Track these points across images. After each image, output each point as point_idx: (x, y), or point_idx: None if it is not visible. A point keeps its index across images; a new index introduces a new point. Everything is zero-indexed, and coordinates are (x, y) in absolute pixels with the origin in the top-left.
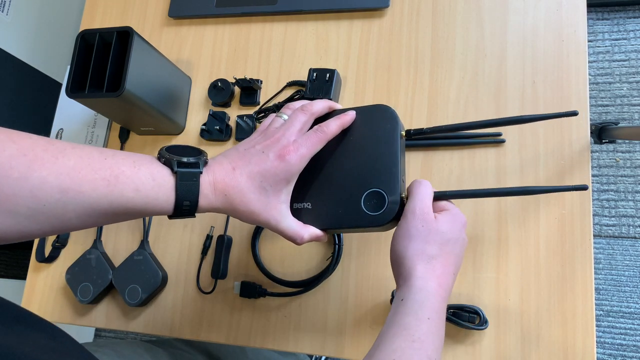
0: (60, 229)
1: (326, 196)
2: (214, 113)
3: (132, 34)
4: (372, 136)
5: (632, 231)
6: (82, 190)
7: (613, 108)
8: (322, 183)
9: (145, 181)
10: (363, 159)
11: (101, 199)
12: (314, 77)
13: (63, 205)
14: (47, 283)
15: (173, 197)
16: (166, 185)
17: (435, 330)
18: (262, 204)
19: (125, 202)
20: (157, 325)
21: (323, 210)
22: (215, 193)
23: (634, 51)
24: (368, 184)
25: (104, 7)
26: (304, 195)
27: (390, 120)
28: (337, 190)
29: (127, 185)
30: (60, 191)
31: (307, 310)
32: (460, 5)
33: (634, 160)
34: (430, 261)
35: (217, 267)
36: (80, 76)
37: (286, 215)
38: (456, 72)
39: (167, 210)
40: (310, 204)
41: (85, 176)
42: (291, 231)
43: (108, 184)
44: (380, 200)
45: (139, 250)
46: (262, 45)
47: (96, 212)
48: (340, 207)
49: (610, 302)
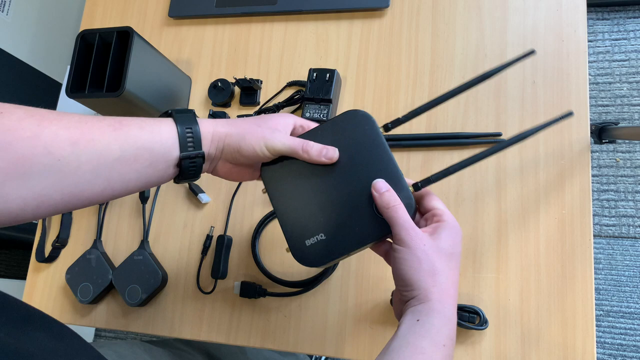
0: (78, 192)
1: (337, 221)
2: (214, 113)
3: (132, 34)
4: (358, 144)
5: (632, 231)
6: (92, 138)
7: (613, 108)
8: (329, 210)
9: (147, 121)
10: (359, 169)
11: (111, 144)
12: (314, 77)
13: (76, 156)
14: (47, 283)
15: (175, 128)
16: (167, 121)
17: (448, 358)
18: (255, 126)
19: (134, 141)
20: (157, 325)
21: (339, 235)
22: (214, 123)
23: (634, 51)
24: (368, 191)
25: (104, 7)
26: (314, 228)
27: (366, 122)
28: (346, 211)
29: (131, 125)
30: (72, 143)
31: (307, 310)
32: (460, 5)
33: (634, 160)
34: (441, 281)
35: (217, 267)
36: (80, 76)
37: (282, 134)
38: (456, 72)
39: (173, 143)
40: (324, 234)
41: (93, 125)
42: (290, 142)
43: (114, 129)
44: None
45: (139, 250)
46: (262, 45)
47: (108, 161)
48: (356, 225)
49: (610, 302)
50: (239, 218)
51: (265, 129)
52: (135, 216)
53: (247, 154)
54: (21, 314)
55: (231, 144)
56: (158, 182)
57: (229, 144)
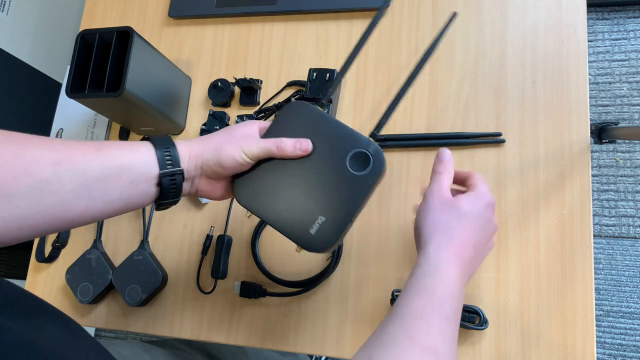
0: (60, 212)
1: (328, 199)
2: (214, 113)
3: (132, 34)
4: (312, 128)
5: (632, 231)
6: (73, 159)
7: (613, 108)
8: (316, 194)
9: (126, 143)
10: (325, 147)
11: (92, 163)
12: (314, 77)
13: (58, 177)
14: (47, 283)
15: (153, 149)
16: (144, 143)
17: (452, 291)
18: (229, 136)
19: (114, 161)
20: (157, 325)
21: (336, 209)
22: (189, 143)
23: (634, 51)
24: (342, 159)
25: (104, 7)
26: (311, 216)
27: (306, 108)
28: (331, 187)
29: (111, 147)
30: (53, 163)
31: (307, 310)
32: (460, 5)
33: (634, 160)
34: (446, 232)
35: (217, 267)
36: (80, 76)
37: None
38: (456, 72)
39: (152, 162)
40: (322, 216)
41: (74, 147)
42: (264, 143)
43: (95, 150)
44: (361, 157)
45: (139, 250)
46: (262, 45)
47: (90, 181)
48: (344, 193)
49: (610, 302)
50: (239, 218)
51: (239, 137)
52: (135, 216)
53: (228, 164)
54: (32, 305)
55: (210, 159)
56: (140, 203)
57: (208, 159)
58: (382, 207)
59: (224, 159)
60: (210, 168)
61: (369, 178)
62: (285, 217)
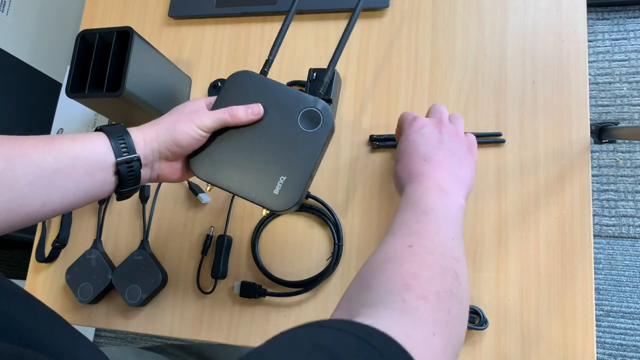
0: (17, 207)
1: (285, 158)
2: None
3: (132, 34)
4: (258, 93)
5: (632, 231)
6: (25, 153)
7: (613, 108)
8: (273, 155)
9: (79, 135)
10: (274, 109)
11: (45, 155)
12: (314, 77)
13: (11, 171)
14: (47, 283)
15: (106, 138)
16: (97, 133)
17: (420, 197)
18: (179, 114)
19: (67, 152)
20: (157, 325)
21: (295, 166)
22: (141, 128)
23: (634, 51)
24: (293, 120)
25: (104, 7)
26: (272, 177)
27: (249, 75)
28: (286, 146)
29: (63, 138)
30: (5, 159)
31: (307, 310)
32: (460, 5)
33: (634, 160)
34: (402, 177)
35: (217, 267)
36: (80, 76)
37: (205, 112)
38: (456, 72)
39: (107, 150)
40: (283, 175)
41: (25, 142)
42: (215, 114)
43: (47, 143)
44: (311, 115)
45: (139, 250)
46: (262, 45)
47: (45, 173)
48: (301, 150)
49: (610, 302)
50: (239, 218)
51: (189, 114)
52: (135, 216)
53: (184, 142)
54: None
55: (165, 141)
56: (99, 194)
57: (163, 140)
58: (381, 206)
59: (179, 137)
60: (167, 149)
61: (321, 133)
62: (247, 183)
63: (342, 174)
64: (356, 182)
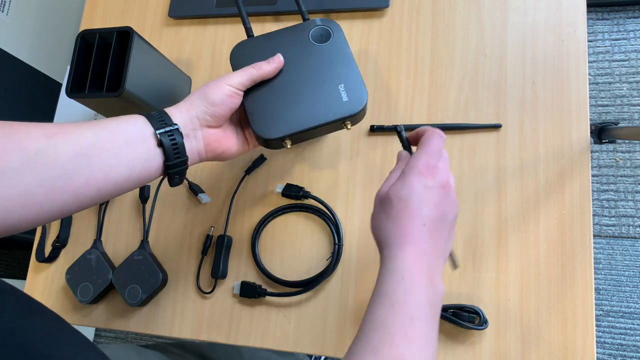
0: (62, 184)
1: (328, 71)
2: None
3: (132, 34)
4: (266, 49)
5: (632, 231)
6: (65, 130)
7: (613, 108)
8: (317, 78)
9: (114, 117)
10: (289, 52)
11: (85, 131)
12: None
13: (53, 148)
14: (47, 283)
15: (140, 115)
16: (133, 115)
17: (413, 287)
18: (206, 84)
19: (105, 127)
20: (157, 326)
21: (343, 73)
22: (176, 105)
23: (634, 51)
24: (309, 45)
25: (104, 7)
26: (332, 92)
27: (247, 41)
28: (320, 65)
29: (103, 120)
30: (47, 136)
31: (307, 310)
32: (460, 5)
33: (634, 160)
34: (387, 228)
35: (217, 267)
36: (80, 76)
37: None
38: (456, 72)
39: (144, 123)
40: (340, 84)
41: (65, 124)
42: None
43: (87, 124)
44: (319, 33)
45: (139, 250)
46: None
47: (85, 148)
48: (333, 60)
49: (610, 302)
50: (239, 218)
51: (216, 80)
52: (135, 216)
53: (218, 100)
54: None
55: (199, 105)
56: (145, 172)
57: (197, 106)
58: None
59: (212, 97)
60: (204, 112)
61: (338, 37)
62: (316, 111)
63: (342, 173)
64: (356, 182)
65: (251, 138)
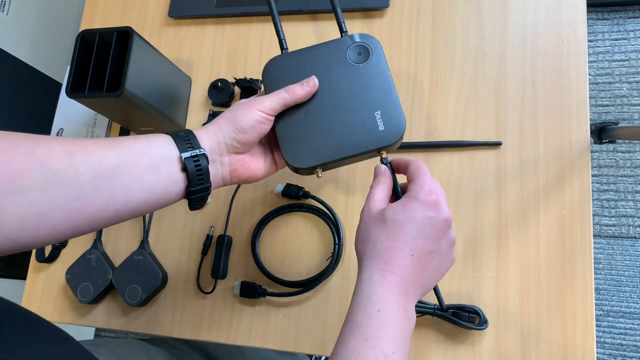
0: (79, 206)
1: (365, 97)
2: (214, 113)
3: (132, 34)
4: (300, 68)
5: (632, 231)
6: (88, 150)
7: (613, 108)
8: (354, 103)
9: (141, 136)
10: (325, 70)
11: (108, 151)
12: None
13: (74, 168)
14: (47, 283)
15: (167, 136)
16: (161, 134)
17: (389, 321)
18: (237, 106)
19: (130, 147)
20: (157, 325)
21: (380, 98)
22: (205, 127)
23: (634, 51)
24: (345, 65)
25: (104, 7)
26: (368, 120)
27: (279, 58)
28: (357, 89)
29: (126, 139)
30: (68, 155)
31: (307, 310)
32: (460, 5)
33: (634, 160)
34: (374, 249)
35: (217, 267)
36: (80, 76)
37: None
38: (456, 72)
39: (170, 145)
40: (377, 111)
41: (88, 141)
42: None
43: (110, 141)
44: (357, 50)
45: (139, 250)
46: (262, 45)
47: (107, 170)
48: (371, 82)
49: (610, 302)
50: (239, 218)
51: (246, 102)
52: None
53: (247, 126)
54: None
55: (228, 131)
56: (166, 196)
57: (226, 131)
58: None
59: (241, 122)
60: (232, 138)
61: (377, 56)
62: (350, 141)
63: (342, 173)
64: (356, 182)
65: (280, 160)
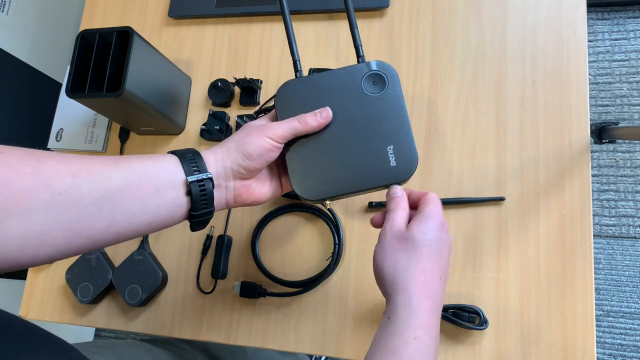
0: (81, 228)
1: (379, 130)
2: (214, 113)
3: (132, 34)
4: (314, 94)
5: (632, 231)
6: (92, 170)
7: (613, 108)
8: (367, 136)
9: (147, 156)
10: (339, 98)
11: (113, 173)
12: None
13: (78, 189)
14: (47, 283)
15: (175, 157)
16: (167, 155)
17: (425, 350)
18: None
19: (136, 169)
20: (157, 325)
21: (394, 132)
22: (211, 149)
23: (634, 51)
24: (360, 94)
25: (104, 7)
26: (380, 154)
27: (295, 82)
28: (371, 121)
29: (132, 158)
30: (72, 175)
31: (307, 310)
32: (460, 5)
33: (634, 160)
34: (408, 271)
35: (217, 267)
36: (80, 76)
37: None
38: (456, 72)
39: (176, 168)
40: (389, 145)
41: (93, 159)
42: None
43: (115, 161)
44: (372, 80)
45: (139, 250)
46: (262, 45)
47: (111, 191)
48: (386, 115)
49: (610, 302)
50: (239, 218)
51: (256, 127)
52: None
53: (255, 153)
54: (25, 332)
55: (236, 156)
56: (169, 218)
57: (234, 157)
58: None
59: (249, 149)
60: (239, 165)
61: (393, 87)
62: (360, 175)
63: None
64: None
65: (286, 184)
